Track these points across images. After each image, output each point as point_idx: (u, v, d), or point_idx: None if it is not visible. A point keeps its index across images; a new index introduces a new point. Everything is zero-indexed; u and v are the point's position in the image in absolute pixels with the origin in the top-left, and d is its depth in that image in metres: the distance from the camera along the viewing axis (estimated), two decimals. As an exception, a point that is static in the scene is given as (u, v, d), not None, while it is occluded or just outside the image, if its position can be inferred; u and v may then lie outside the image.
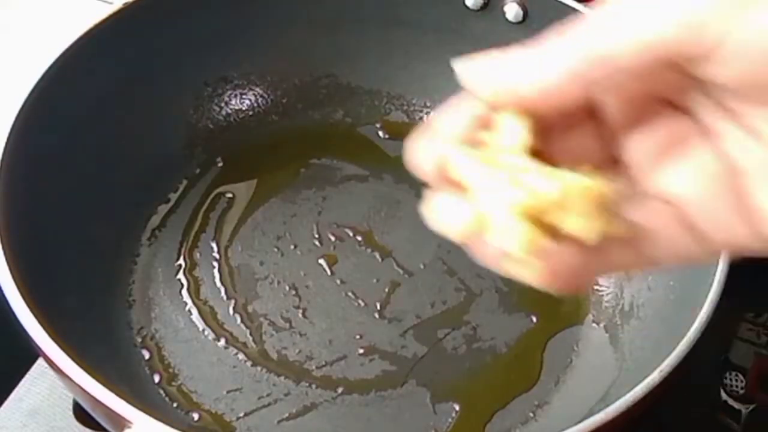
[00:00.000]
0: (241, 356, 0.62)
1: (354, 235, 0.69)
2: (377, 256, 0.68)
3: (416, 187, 0.33)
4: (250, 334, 0.63)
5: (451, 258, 0.68)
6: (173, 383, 0.60)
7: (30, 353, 0.52)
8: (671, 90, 0.30)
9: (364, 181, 0.72)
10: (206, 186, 0.71)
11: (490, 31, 0.71)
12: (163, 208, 0.69)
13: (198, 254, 0.67)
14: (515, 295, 0.66)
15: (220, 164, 0.72)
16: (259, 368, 0.61)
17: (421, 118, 0.76)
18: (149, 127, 0.68)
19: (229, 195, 0.71)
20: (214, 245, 0.67)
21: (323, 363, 0.62)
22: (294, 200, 0.71)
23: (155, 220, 0.68)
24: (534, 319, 0.65)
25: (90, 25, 0.64)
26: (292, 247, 0.68)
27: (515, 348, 0.63)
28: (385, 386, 0.61)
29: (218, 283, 0.65)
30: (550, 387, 0.61)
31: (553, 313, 0.65)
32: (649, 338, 0.59)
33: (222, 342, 0.62)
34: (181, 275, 0.65)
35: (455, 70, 0.33)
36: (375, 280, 0.66)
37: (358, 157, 0.73)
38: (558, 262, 0.29)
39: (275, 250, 0.67)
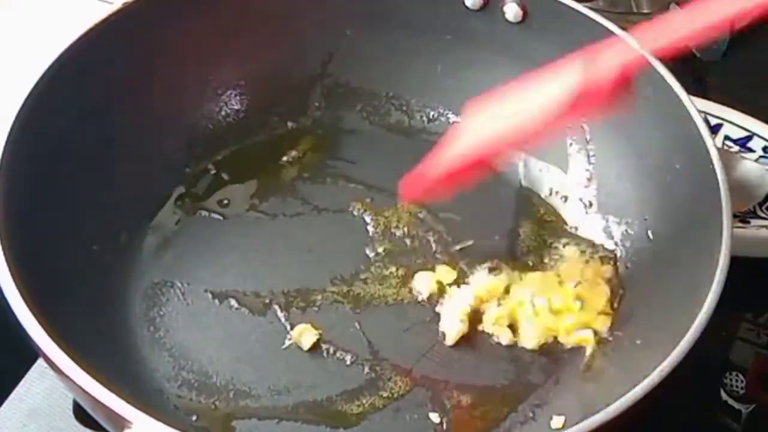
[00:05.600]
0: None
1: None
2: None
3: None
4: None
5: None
6: (173, 383, 0.60)
7: (30, 353, 0.52)
8: None
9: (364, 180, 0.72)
10: (206, 185, 0.71)
11: (490, 31, 0.71)
12: (163, 208, 0.69)
13: (198, 254, 0.67)
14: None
15: (220, 164, 0.72)
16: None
17: (421, 118, 0.76)
18: (149, 127, 0.68)
19: (229, 194, 0.71)
20: (214, 245, 0.67)
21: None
22: (294, 200, 0.71)
23: (155, 220, 0.68)
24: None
25: (90, 25, 0.64)
26: (292, 246, 0.68)
27: (515, 348, 0.63)
28: (384, 389, 0.61)
29: (218, 283, 0.65)
30: (550, 387, 0.61)
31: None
32: (650, 338, 0.59)
33: (221, 342, 0.62)
34: (180, 275, 0.65)
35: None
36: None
37: (357, 157, 0.73)
38: None
39: (275, 249, 0.67)
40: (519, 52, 0.71)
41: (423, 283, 0.65)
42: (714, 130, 0.78)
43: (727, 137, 0.78)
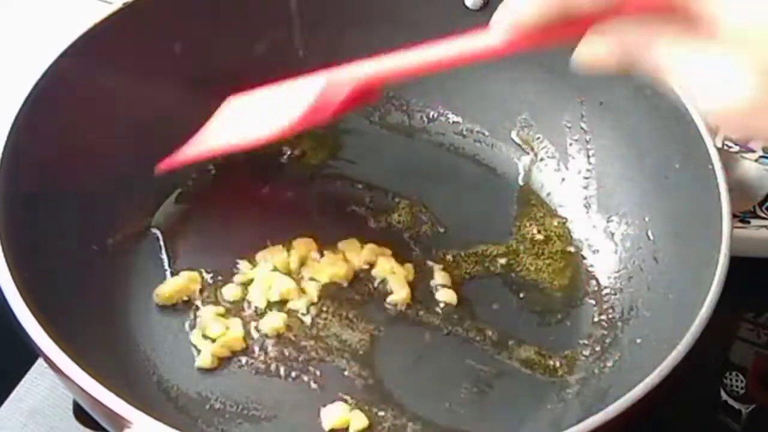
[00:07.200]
0: (240, 357, 0.62)
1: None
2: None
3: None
4: (251, 336, 0.63)
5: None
6: (173, 383, 0.60)
7: (30, 353, 0.52)
8: None
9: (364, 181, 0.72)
10: (206, 185, 0.71)
11: (490, 31, 0.71)
12: (163, 208, 0.69)
13: (198, 254, 0.67)
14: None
15: (220, 164, 0.72)
16: (259, 370, 0.61)
17: (421, 118, 0.76)
18: (149, 127, 0.68)
19: (229, 194, 0.71)
20: (214, 245, 0.67)
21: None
22: (293, 200, 0.71)
23: (155, 220, 0.68)
24: (534, 318, 0.65)
25: (90, 25, 0.64)
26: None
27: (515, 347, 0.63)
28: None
29: (218, 283, 0.65)
30: (550, 387, 0.61)
31: (553, 312, 0.65)
32: (649, 338, 0.59)
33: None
34: (180, 275, 0.65)
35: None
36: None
37: (357, 158, 0.73)
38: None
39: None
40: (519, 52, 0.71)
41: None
42: (714, 130, 0.78)
43: (727, 137, 0.78)
